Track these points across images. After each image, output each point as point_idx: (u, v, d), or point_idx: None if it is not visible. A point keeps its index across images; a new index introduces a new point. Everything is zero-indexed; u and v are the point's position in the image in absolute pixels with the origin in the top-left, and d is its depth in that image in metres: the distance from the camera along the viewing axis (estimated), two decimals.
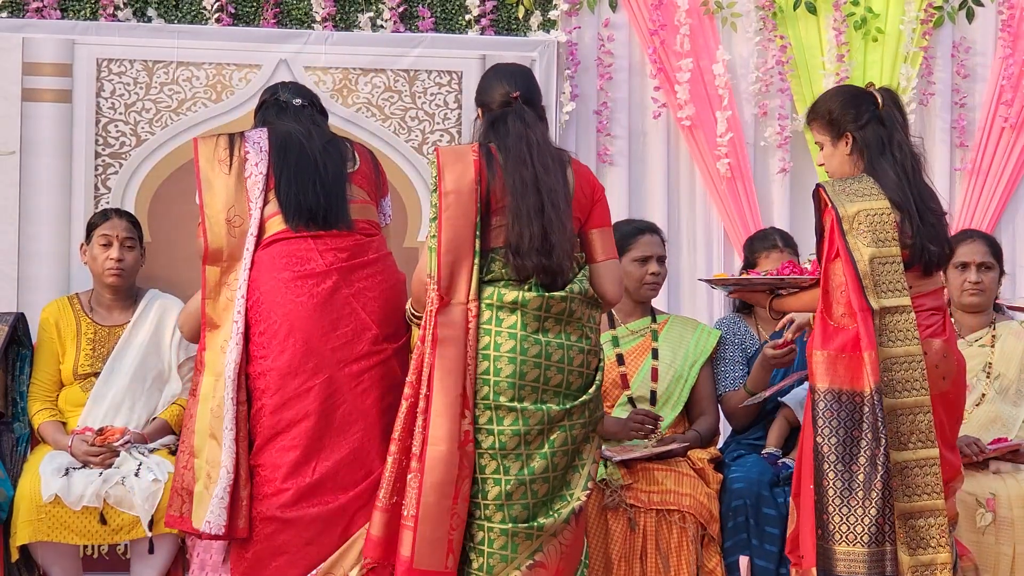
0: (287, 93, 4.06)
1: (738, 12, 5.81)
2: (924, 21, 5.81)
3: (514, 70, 3.85)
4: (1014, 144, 5.86)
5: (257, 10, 5.63)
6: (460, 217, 3.57)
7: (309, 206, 3.80)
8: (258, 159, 3.82)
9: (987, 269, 4.54)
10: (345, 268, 3.79)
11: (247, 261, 3.75)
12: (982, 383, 4.46)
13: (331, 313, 3.73)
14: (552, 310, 3.61)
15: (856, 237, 3.71)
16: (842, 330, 3.71)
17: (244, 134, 3.89)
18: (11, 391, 4.55)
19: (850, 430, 3.67)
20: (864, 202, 3.73)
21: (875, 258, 3.70)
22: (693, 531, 4.16)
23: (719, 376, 4.68)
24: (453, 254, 3.56)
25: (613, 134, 5.81)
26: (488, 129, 3.72)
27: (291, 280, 3.74)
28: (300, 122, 3.95)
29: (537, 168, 3.62)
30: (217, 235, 3.77)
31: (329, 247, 3.78)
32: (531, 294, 3.59)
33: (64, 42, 5.36)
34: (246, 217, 3.77)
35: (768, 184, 5.86)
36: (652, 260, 4.59)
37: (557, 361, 3.60)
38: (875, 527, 3.62)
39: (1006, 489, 4.16)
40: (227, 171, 3.80)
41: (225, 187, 3.79)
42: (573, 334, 3.64)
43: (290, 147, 3.85)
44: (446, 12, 5.73)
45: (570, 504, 3.60)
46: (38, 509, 4.15)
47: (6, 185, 5.32)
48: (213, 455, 3.69)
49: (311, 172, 3.82)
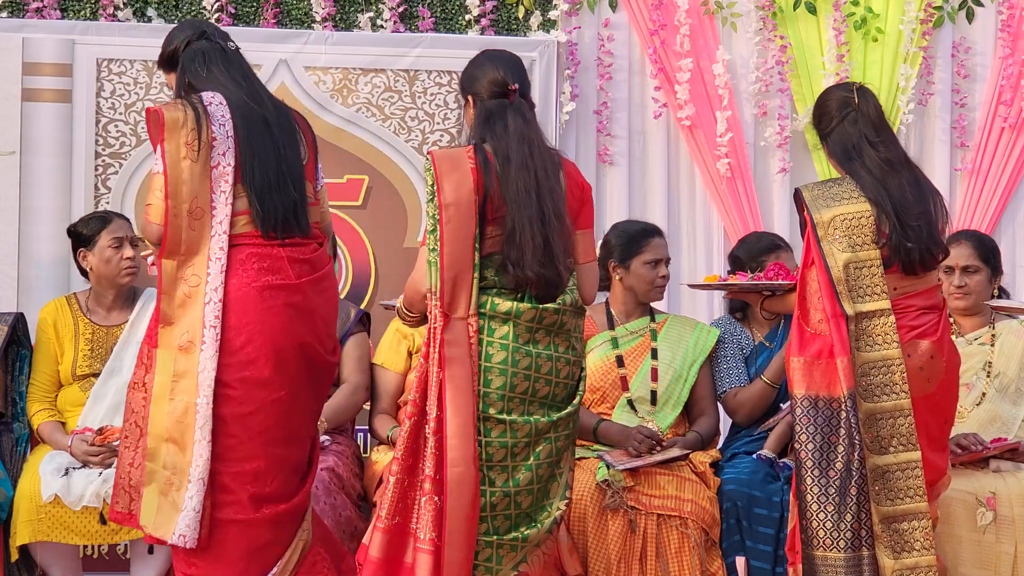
0: (216, 34, 3.74)
1: (738, 12, 5.81)
2: (924, 21, 5.82)
3: (508, 58, 3.68)
4: (1014, 144, 5.86)
5: (257, 10, 5.63)
6: (460, 230, 3.46)
7: (282, 210, 3.62)
8: (225, 147, 3.56)
9: (973, 272, 4.53)
10: (312, 281, 3.66)
11: (222, 262, 3.55)
12: (982, 382, 4.46)
13: (297, 327, 3.60)
14: (544, 321, 3.54)
15: (831, 243, 3.73)
16: (819, 336, 3.74)
17: (208, 109, 3.57)
18: (10, 391, 4.55)
19: (827, 436, 3.72)
20: (841, 206, 3.75)
21: (850, 263, 3.72)
22: (696, 536, 4.15)
23: (719, 375, 4.68)
24: (455, 269, 3.46)
25: (613, 134, 5.81)
26: (484, 125, 3.57)
27: (264, 290, 3.58)
28: (246, 77, 3.69)
29: (538, 172, 3.50)
30: (178, 228, 3.53)
31: (297, 257, 3.63)
32: (525, 305, 3.50)
33: (64, 42, 5.36)
34: (208, 209, 3.54)
35: (768, 184, 5.87)
36: (662, 263, 4.59)
37: (546, 373, 3.54)
38: (851, 532, 3.67)
39: (1006, 488, 4.16)
40: (194, 157, 3.52)
41: (191, 175, 3.53)
42: (561, 345, 3.57)
43: (256, 138, 3.60)
44: (446, 12, 5.73)
45: (552, 515, 3.57)
46: (38, 509, 4.16)
47: (6, 185, 5.32)
48: (174, 461, 3.53)
49: (277, 166, 3.62)
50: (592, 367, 4.54)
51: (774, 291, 4.07)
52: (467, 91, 3.68)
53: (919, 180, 3.85)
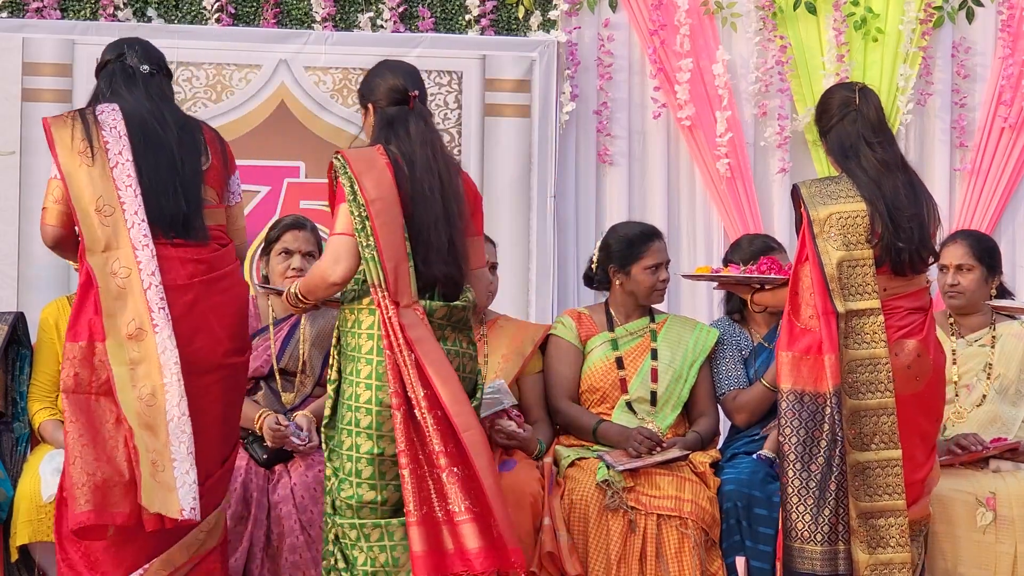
0: (135, 57, 3.84)
1: (738, 12, 5.81)
2: (924, 21, 5.82)
3: (408, 68, 3.81)
4: (1014, 144, 5.86)
5: (257, 10, 5.63)
6: (391, 222, 3.57)
7: (170, 213, 3.69)
8: (120, 147, 3.68)
9: (966, 271, 4.54)
10: (204, 282, 3.71)
11: (151, 248, 3.63)
12: (982, 383, 4.46)
13: (188, 326, 3.66)
14: (454, 319, 3.66)
15: (826, 240, 3.77)
16: (808, 332, 3.79)
17: (98, 118, 3.70)
18: (11, 391, 4.54)
19: (811, 431, 3.80)
20: (838, 204, 3.79)
21: (844, 261, 3.76)
22: (695, 537, 4.15)
23: (718, 378, 4.67)
24: (394, 260, 3.56)
25: (613, 134, 5.81)
26: (387, 129, 3.67)
27: None
28: (150, 97, 3.79)
29: (442, 174, 3.63)
30: (91, 226, 3.64)
31: (189, 257, 3.70)
32: (438, 303, 3.62)
33: (64, 42, 5.37)
34: (116, 205, 3.63)
35: (768, 184, 5.87)
36: (663, 267, 4.59)
37: (456, 369, 3.62)
38: (828, 526, 3.75)
39: (1006, 488, 4.16)
40: (90, 162, 3.65)
41: (90, 179, 3.64)
42: (464, 341, 3.70)
43: (148, 140, 3.70)
44: (446, 12, 5.73)
45: None
46: (38, 509, 4.15)
47: (6, 185, 5.33)
48: (152, 445, 3.56)
49: (169, 171, 3.70)
50: (592, 368, 4.55)
51: (763, 284, 4.11)
52: (367, 99, 3.78)
53: (914, 183, 3.88)
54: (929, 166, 5.87)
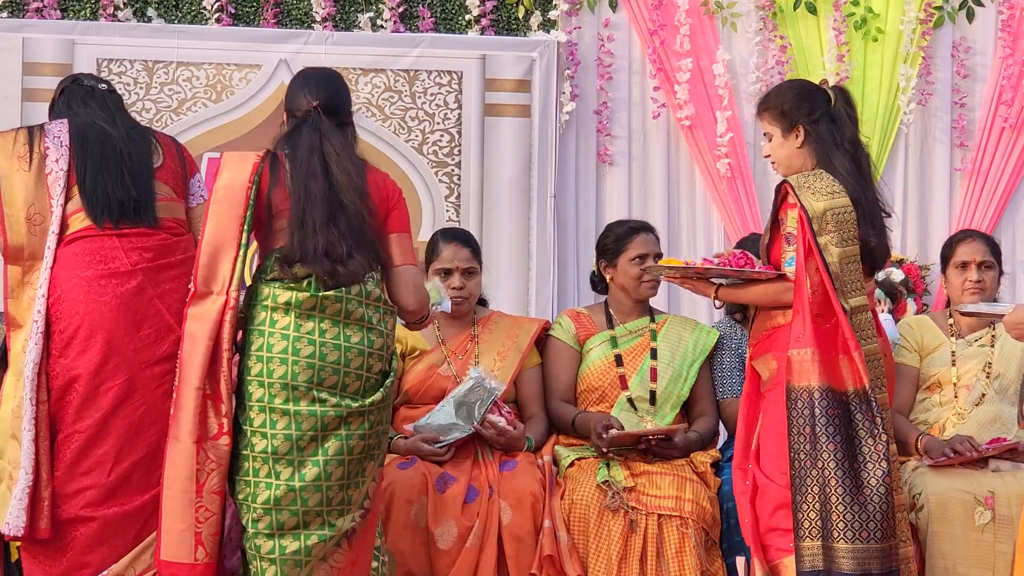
0: (91, 79, 3.99)
1: (738, 12, 5.82)
2: (924, 21, 5.82)
3: (319, 77, 3.84)
4: (1014, 144, 5.86)
5: (257, 10, 5.64)
6: (227, 211, 3.62)
7: (118, 198, 3.74)
8: (58, 155, 3.74)
9: (987, 268, 4.54)
10: (151, 268, 3.74)
11: (48, 259, 3.69)
12: (982, 383, 4.46)
13: (135, 314, 3.69)
14: (327, 310, 3.62)
15: (825, 236, 3.74)
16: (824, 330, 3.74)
17: (44, 128, 3.80)
18: None
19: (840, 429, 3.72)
20: (829, 200, 3.77)
21: (842, 258, 3.74)
22: (696, 537, 4.15)
23: (716, 381, 4.67)
24: (214, 245, 3.61)
25: (613, 134, 5.82)
26: (285, 138, 3.75)
27: (94, 279, 3.69)
28: (106, 107, 3.88)
29: (334, 178, 3.64)
30: (17, 233, 3.70)
31: (135, 246, 3.74)
32: (304, 294, 3.61)
33: (64, 42, 5.37)
34: (47, 215, 3.70)
35: (768, 184, 5.86)
36: (649, 258, 4.58)
37: (332, 362, 3.59)
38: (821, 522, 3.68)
39: (1005, 487, 4.16)
40: (27, 168, 3.72)
41: (24, 184, 3.71)
42: (353, 336, 3.64)
43: (92, 138, 3.78)
44: (446, 12, 5.74)
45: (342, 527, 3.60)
46: None
47: None
48: (15, 456, 3.62)
49: (116, 163, 3.77)
50: (591, 366, 4.55)
51: (727, 278, 3.99)
52: (286, 110, 3.83)
53: (876, 189, 3.91)
54: (929, 166, 5.88)
